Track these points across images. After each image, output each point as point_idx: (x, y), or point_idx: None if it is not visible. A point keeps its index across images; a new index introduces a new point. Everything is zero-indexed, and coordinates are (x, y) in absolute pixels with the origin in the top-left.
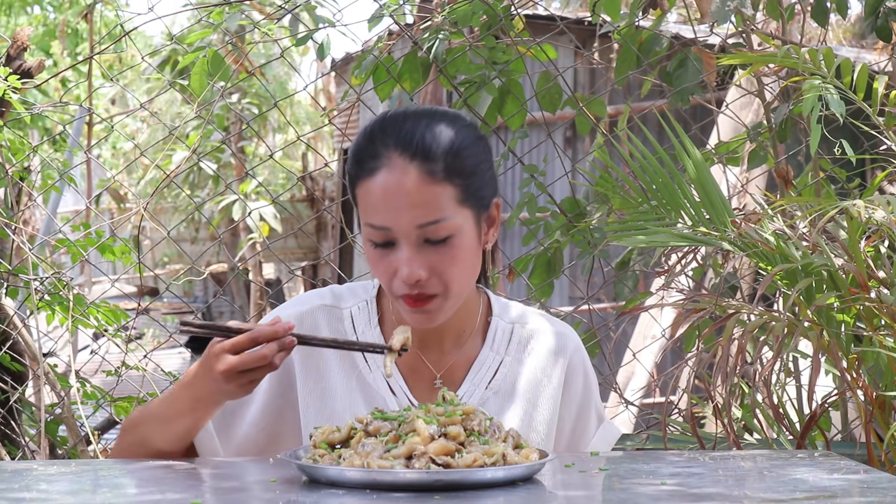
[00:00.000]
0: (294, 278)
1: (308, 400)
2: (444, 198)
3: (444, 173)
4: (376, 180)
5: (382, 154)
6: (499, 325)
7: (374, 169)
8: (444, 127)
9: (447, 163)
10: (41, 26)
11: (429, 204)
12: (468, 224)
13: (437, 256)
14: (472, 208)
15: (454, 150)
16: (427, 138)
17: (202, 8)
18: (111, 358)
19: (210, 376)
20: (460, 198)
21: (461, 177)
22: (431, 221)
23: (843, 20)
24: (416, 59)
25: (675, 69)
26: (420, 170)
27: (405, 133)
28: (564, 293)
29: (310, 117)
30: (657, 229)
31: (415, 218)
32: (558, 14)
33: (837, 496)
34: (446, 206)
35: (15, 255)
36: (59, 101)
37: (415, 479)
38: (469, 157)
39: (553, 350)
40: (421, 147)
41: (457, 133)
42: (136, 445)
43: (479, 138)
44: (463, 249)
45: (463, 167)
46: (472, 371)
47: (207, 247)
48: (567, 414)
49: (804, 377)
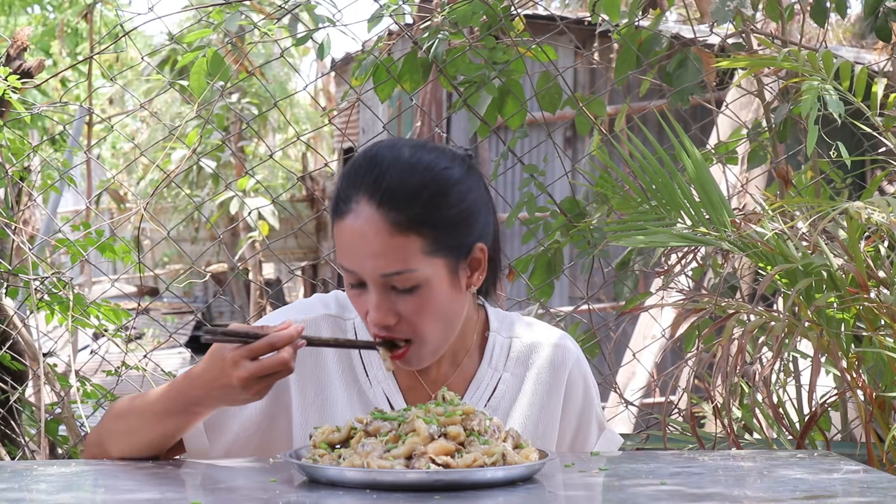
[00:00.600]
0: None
1: (308, 411)
2: (409, 250)
3: (410, 224)
4: (345, 223)
5: (352, 197)
6: (497, 341)
7: (343, 212)
8: (422, 172)
9: (415, 213)
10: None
11: (392, 255)
12: (439, 274)
13: (405, 304)
14: (444, 257)
15: (425, 200)
16: (397, 185)
17: (202, 8)
18: (111, 358)
19: (224, 382)
20: (428, 249)
21: (431, 227)
22: (395, 272)
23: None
24: (416, 60)
25: (675, 69)
26: (385, 219)
27: (376, 177)
28: (564, 293)
29: (309, 117)
30: (657, 230)
31: (377, 267)
32: (558, 14)
33: (837, 496)
34: (411, 258)
35: (15, 255)
36: (59, 101)
37: (415, 479)
38: (444, 207)
39: (552, 364)
40: (388, 195)
41: (435, 179)
42: (120, 434)
43: (461, 182)
44: (433, 299)
45: (434, 218)
46: (470, 388)
47: (207, 247)
48: (567, 425)
49: (804, 377)
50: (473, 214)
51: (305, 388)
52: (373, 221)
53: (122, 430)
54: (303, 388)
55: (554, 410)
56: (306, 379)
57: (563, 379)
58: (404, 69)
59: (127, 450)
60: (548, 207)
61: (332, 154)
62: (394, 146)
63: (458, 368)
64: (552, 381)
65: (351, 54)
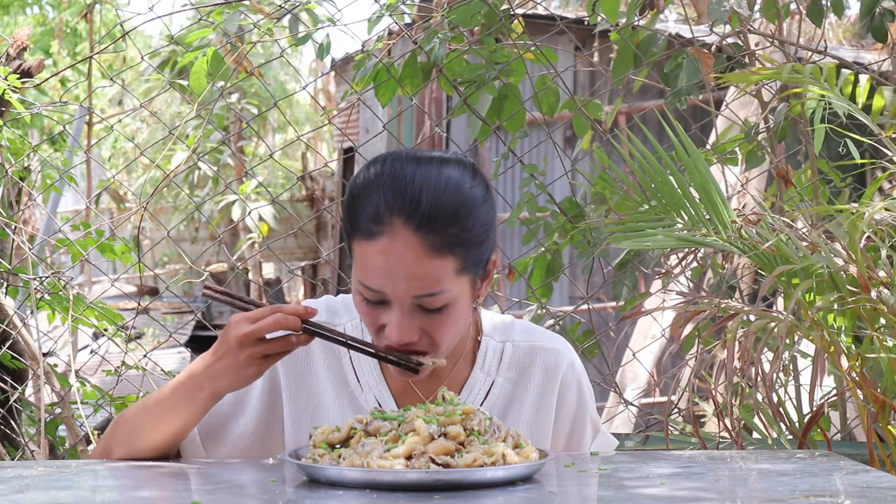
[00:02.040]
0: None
1: (301, 419)
2: (445, 271)
3: (447, 246)
4: (376, 245)
5: (385, 219)
6: (489, 345)
7: (374, 233)
8: (453, 189)
9: (452, 234)
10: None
11: (428, 276)
12: (464, 291)
13: (429, 321)
14: (470, 275)
15: (461, 220)
16: (434, 206)
17: (202, 8)
18: (111, 358)
19: (224, 351)
20: (460, 268)
21: (464, 247)
22: (428, 294)
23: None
24: (417, 65)
25: (672, 69)
26: (423, 243)
27: (411, 198)
28: (564, 293)
29: (309, 117)
30: (657, 231)
31: (411, 289)
32: (558, 14)
33: (837, 496)
34: (445, 279)
35: (15, 255)
36: (59, 100)
37: (415, 479)
38: (475, 226)
39: (545, 369)
40: (427, 217)
41: (467, 196)
42: (125, 437)
43: (485, 198)
44: (456, 315)
45: (467, 238)
46: (462, 393)
47: (207, 247)
48: (561, 429)
49: (804, 377)
50: (492, 228)
51: (297, 396)
52: (410, 245)
53: (127, 432)
54: (294, 396)
55: (547, 414)
56: (298, 387)
57: (557, 383)
58: (404, 73)
59: (130, 453)
60: (548, 207)
61: (332, 154)
62: (416, 161)
63: (450, 373)
64: (545, 386)
65: (351, 54)
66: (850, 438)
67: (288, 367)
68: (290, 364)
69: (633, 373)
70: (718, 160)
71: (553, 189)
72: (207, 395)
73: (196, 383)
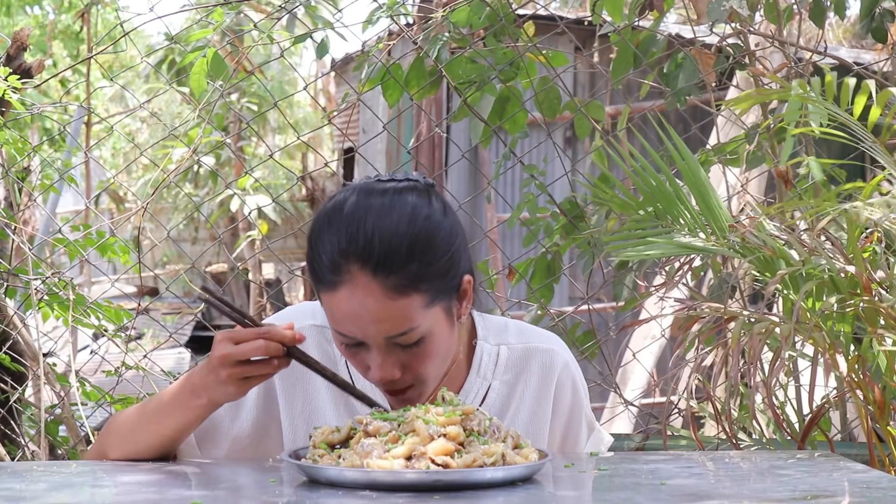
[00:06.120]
0: (294, 278)
1: (297, 422)
2: (412, 308)
3: (410, 284)
4: (338, 296)
5: (342, 267)
6: (484, 349)
7: (334, 283)
8: (408, 226)
9: (412, 272)
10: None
11: (396, 317)
12: (439, 320)
13: (409, 356)
14: (442, 303)
15: (418, 256)
16: (388, 248)
17: (202, 8)
18: (111, 358)
19: (210, 362)
20: (428, 301)
21: (428, 281)
22: (399, 333)
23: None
24: (423, 68)
25: (672, 70)
26: (383, 286)
27: (363, 244)
28: (564, 293)
29: (308, 119)
30: (657, 239)
31: (381, 331)
32: (558, 14)
33: (837, 496)
34: (414, 316)
35: (15, 255)
36: (59, 101)
37: (414, 479)
38: (435, 258)
39: (541, 370)
40: (383, 260)
41: (422, 231)
42: (120, 440)
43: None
44: (435, 345)
45: (429, 271)
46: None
47: (208, 247)
48: (556, 428)
49: (804, 377)
50: (458, 252)
51: (293, 400)
52: (370, 290)
53: (124, 434)
54: (290, 400)
55: (544, 415)
56: (294, 390)
57: (552, 383)
58: (410, 75)
59: (126, 454)
60: (548, 208)
61: (332, 154)
62: (366, 194)
63: (446, 379)
64: (542, 387)
65: (351, 54)
66: (850, 439)
67: (284, 371)
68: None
69: (633, 372)
70: (719, 160)
71: (553, 189)
72: (204, 404)
73: (194, 391)
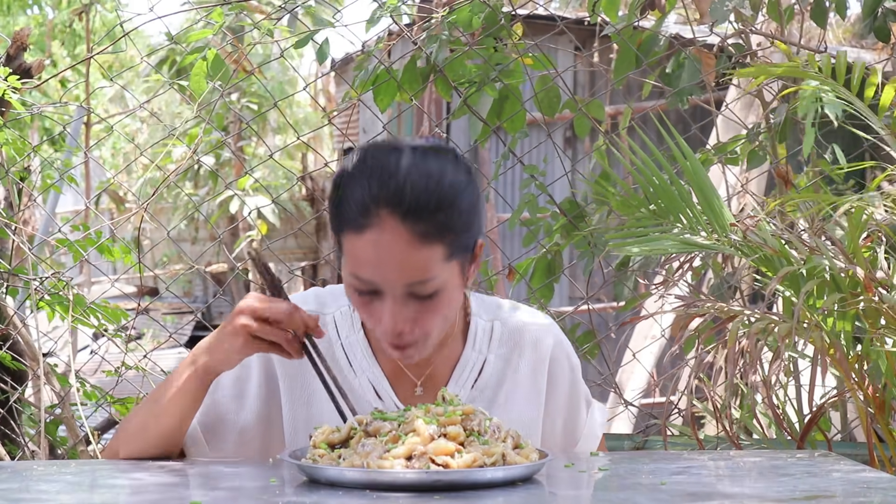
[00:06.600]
0: (294, 278)
1: (296, 406)
2: (434, 258)
3: (435, 233)
4: (365, 237)
5: (372, 211)
6: (479, 325)
7: (362, 225)
8: (435, 177)
9: (438, 221)
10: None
11: (418, 265)
12: (454, 276)
13: (421, 309)
14: (458, 260)
15: (446, 208)
16: (420, 195)
17: (202, 8)
18: (111, 358)
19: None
20: (448, 254)
21: (451, 233)
22: (419, 281)
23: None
24: (416, 69)
25: (674, 70)
26: (412, 231)
27: (396, 188)
28: (564, 293)
29: (308, 119)
30: (658, 236)
31: (402, 278)
32: (558, 14)
33: (837, 496)
34: (435, 266)
35: (15, 255)
36: (59, 101)
37: (414, 479)
38: (460, 213)
39: (535, 344)
40: (414, 206)
41: (450, 182)
42: (132, 438)
43: (469, 182)
44: (447, 301)
45: (454, 224)
46: (455, 372)
47: (208, 247)
48: (556, 405)
49: (804, 377)
50: (477, 213)
51: (293, 385)
52: (398, 235)
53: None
54: (290, 385)
55: (541, 388)
56: (293, 376)
57: (546, 357)
58: (404, 77)
59: (135, 451)
60: (548, 208)
61: (332, 154)
62: (399, 150)
63: (443, 353)
64: (535, 361)
65: (351, 55)
66: (850, 438)
67: (283, 358)
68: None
69: (633, 372)
70: (719, 160)
71: (553, 189)
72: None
73: (191, 360)
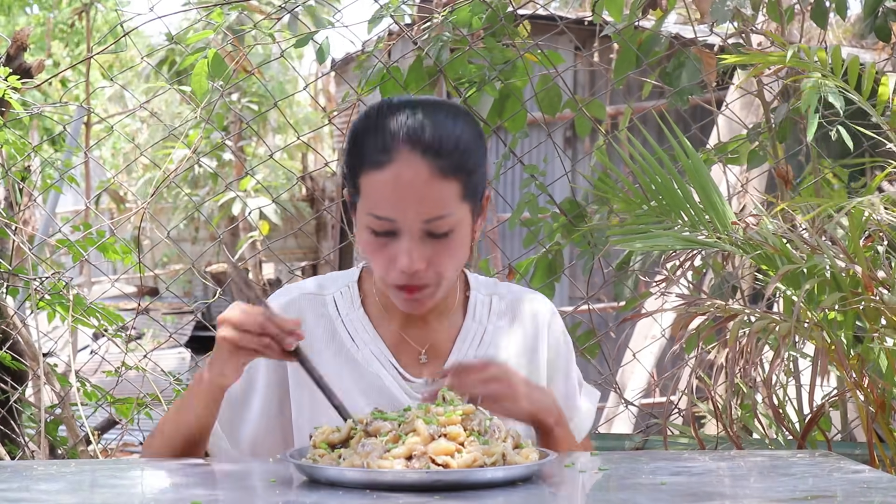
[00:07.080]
0: (294, 278)
1: (302, 386)
2: (450, 194)
3: (452, 169)
4: (385, 173)
5: (392, 147)
6: (478, 298)
7: (382, 162)
8: (451, 122)
9: (455, 159)
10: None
11: (436, 199)
12: (466, 218)
13: (435, 249)
14: (470, 203)
15: (461, 147)
16: (437, 133)
17: (202, 8)
18: (111, 358)
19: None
20: (462, 193)
21: (466, 173)
22: (437, 217)
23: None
24: (422, 69)
25: (674, 69)
26: (430, 166)
27: (415, 127)
28: (564, 293)
29: (308, 118)
30: (659, 233)
31: (421, 212)
32: (558, 14)
33: (837, 496)
34: (451, 202)
35: (15, 255)
36: (59, 101)
37: (415, 479)
38: (473, 154)
39: (532, 316)
40: (431, 142)
41: (462, 128)
42: (168, 438)
43: (479, 133)
44: (460, 242)
45: (467, 163)
46: (457, 343)
47: (208, 247)
48: (555, 377)
49: (804, 377)
50: (486, 163)
51: (300, 370)
52: (418, 170)
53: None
54: (296, 368)
55: (541, 355)
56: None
57: (545, 327)
58: (409, 77)
59: (169, 452)
60: (548, 208)
61: (332, 154)
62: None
63: (444, 324)
64: (535, 330)
65: (351, 54)
66: (850, 438)
67: None
68: None
69: (633, 372)
70: (720, 160)
71: (553, 189)
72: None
73: (198, 377)
